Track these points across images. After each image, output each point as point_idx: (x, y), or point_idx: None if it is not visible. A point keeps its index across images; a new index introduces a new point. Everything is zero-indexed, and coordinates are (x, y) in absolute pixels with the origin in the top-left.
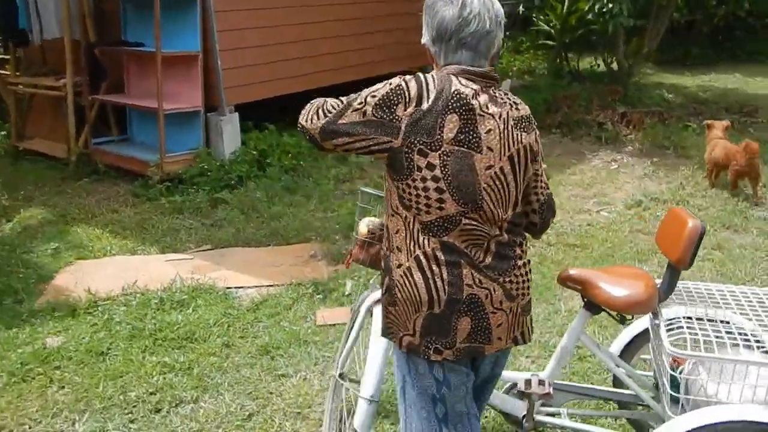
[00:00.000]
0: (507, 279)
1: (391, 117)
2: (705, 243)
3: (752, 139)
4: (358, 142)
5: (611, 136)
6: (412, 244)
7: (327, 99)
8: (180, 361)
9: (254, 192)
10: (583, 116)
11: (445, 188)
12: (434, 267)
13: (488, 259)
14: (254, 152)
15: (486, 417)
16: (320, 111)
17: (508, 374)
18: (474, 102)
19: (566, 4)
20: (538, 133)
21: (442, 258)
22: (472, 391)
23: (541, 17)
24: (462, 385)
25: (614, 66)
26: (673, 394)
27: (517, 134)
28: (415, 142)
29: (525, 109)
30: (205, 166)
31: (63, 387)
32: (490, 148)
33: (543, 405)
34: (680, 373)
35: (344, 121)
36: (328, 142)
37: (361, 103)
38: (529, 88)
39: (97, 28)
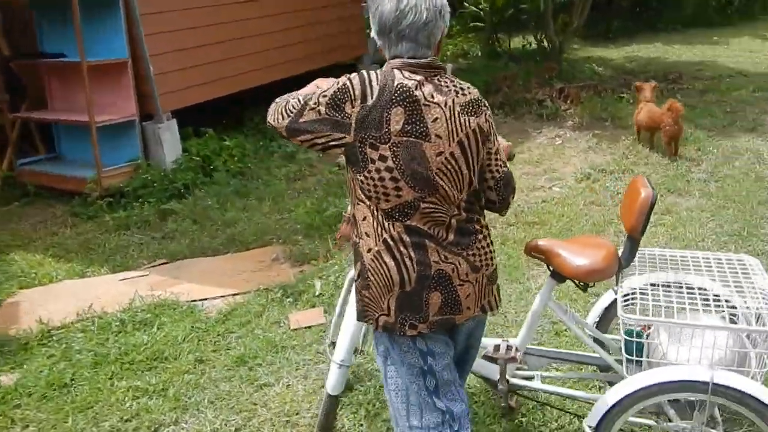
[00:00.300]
0: (470, 252)
1: (342, 115)
2: (655, 209)
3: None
4: (317, 138)
5: (552, 113)
6: (379, 229)
7: (289, 98)
8: (153, 383)
9: (204, 199)
10: (523, 95)
11: (399, 177)
12: (402, 249)
13: (451, 236)
14: (197, 158)
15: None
16: (284, 110)
17: (483, 340)
18: (418, 93)
19: None
20: (488, 113)
21: (408, 240)
22: (453, 362)
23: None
24: (445, 354)
25: (545, 44)
26: (627, 356)
27: (465, 119)
28: (366, 136)
29: (473, 93)
30: (148, 177)
31: (27, 426)
32: (438, 136)
33: (519, 369)
34: (646, 337)
35: (304, 120)
36: (295, 138)
37: (315, 103)
38: (467, 71)
39: (10, 41)
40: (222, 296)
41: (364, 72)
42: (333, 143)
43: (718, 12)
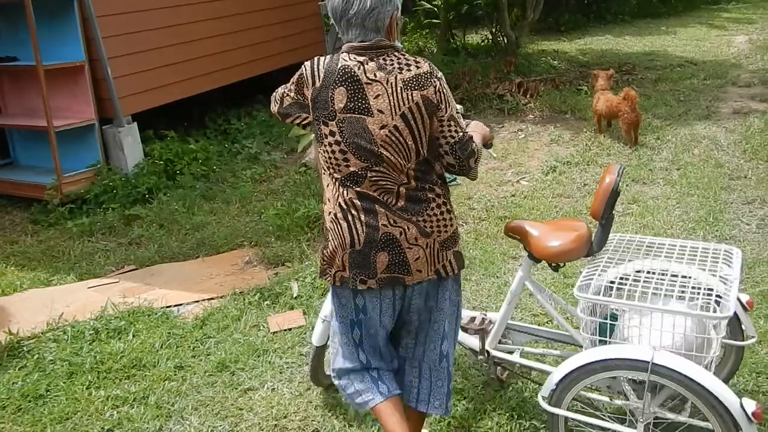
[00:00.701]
0: (420, 218)
1: (302, 98)
2: (622, 198)
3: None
4: (296, 119)
5: (512, 107)
6: (336, 195)
7: (280, 88)
8: (132, 392)
9: (170, 204)
10: (483, 90)
11: (346, 149)
12: (353, 212)
13: (400, 203)
14: (160, 162)
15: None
16: (274, 99)
17: (467, 313)
18: (359, 72)
19: None
20: (439, 85)
21: (359, 204)
22: (391, 326)
23: None
24: (380, 316)
25: (501, 38)
26: (588, 336)
27: (408, 94)
28: (319, 115)
29: (421, 68)
30: (110, 183)
31: None
32: (380, 111)
33: (501, 343)
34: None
35: (285, 105)
36: (285, 120)
37: (289, 89)
38: None
39: None
40: (197, 301)
41: (315, 58)
42: (304, 123)
43: (662, 2)
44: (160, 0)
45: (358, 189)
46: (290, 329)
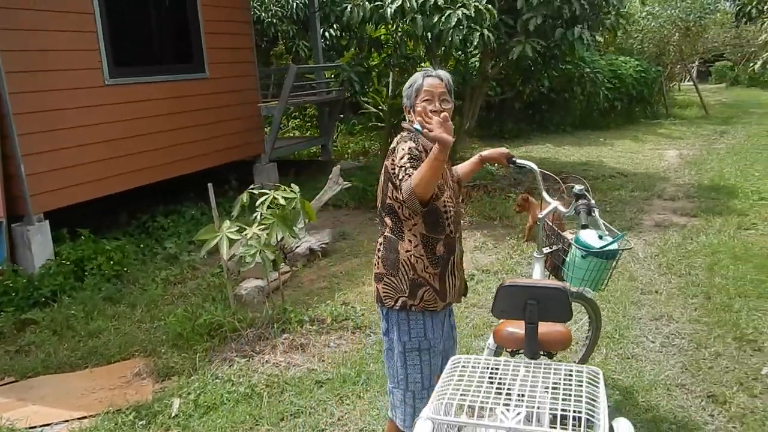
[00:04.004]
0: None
1: None
2: None
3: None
4: None
5: None
6: None
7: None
8: None
9: (70, 308)
10: None
11: None
12: None
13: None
14: (68, 263)
15: None
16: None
17: None
18: None
19: (390, 87)
20: (392, 159)
21: None
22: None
23: (368, 101)
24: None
25: None
26: None
27: (384, 163)
28: None
29: (394, 144)
30: (10, 284)
31: None
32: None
33: None
34: None
35: None
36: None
37: None
38: (363, 169)
39: None
40: (67, 421)
41: None
42: None
43: (603, 115)
44: (82, 99)
45: None
46: None
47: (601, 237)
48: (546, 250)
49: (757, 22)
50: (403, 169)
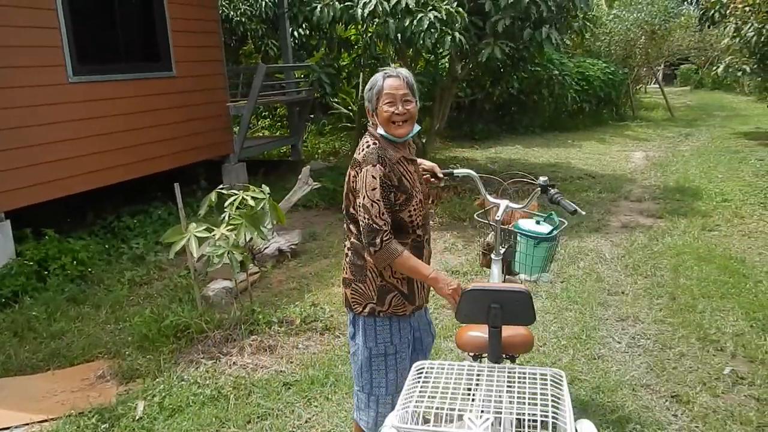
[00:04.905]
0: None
1: None
2: None
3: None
4: None
5: None
6: None
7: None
8: None
9: (32, 308)
10: None
11: None
12: None
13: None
14: (30, 263)
15: None
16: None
17: None
18: None
19: (360, 88)
20: (359, 175)
21: None
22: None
23: (338, 101)
24: None
25: None
26: None
27: (348, 170)
28: None
29: (359, 154)
30: None
31: None
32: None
33: None
34: None
35: None
36: None
37: None
38: (334, 169)
39: None
40: (27, 424)
41: None
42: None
43: (571, 117)
44: (45, 97)
45: None
46: None
47: (538, 222)
48: (502, 250)
49: (720, 26)
50: (377, 211)
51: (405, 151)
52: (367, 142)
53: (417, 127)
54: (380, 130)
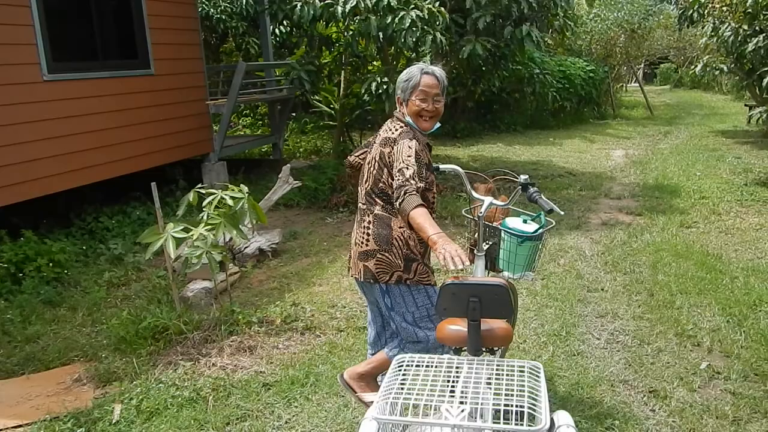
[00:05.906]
0: (357, 230)
1: None
2: None
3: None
4: None
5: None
6: None
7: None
8: None
9: (5, 312)
10: None
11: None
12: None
13: (357, 216)
14: (6, 265)
15: None
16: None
17: None
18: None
19: (342, 86)
20: (396, 148)
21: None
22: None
23: (319, 99)
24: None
25: None
26: None
27: (377, 148)
28: None
29: (393, 134)
30: None
31: None
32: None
33: None
34: None
35: None
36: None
37: None
38: (316, 168)
39: None
40: (1, 429)
41: None
42: None
43: (553, 115)
44: (18, 95)
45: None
46: None
47: (525, 221)
48: (485, 246)
49: (698, 25)
50: (412, 172)
51: (425, 140)
52: (397, 126)
53: (438, 124)
54: (408, 119)
